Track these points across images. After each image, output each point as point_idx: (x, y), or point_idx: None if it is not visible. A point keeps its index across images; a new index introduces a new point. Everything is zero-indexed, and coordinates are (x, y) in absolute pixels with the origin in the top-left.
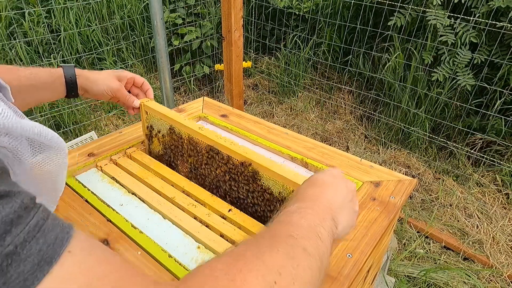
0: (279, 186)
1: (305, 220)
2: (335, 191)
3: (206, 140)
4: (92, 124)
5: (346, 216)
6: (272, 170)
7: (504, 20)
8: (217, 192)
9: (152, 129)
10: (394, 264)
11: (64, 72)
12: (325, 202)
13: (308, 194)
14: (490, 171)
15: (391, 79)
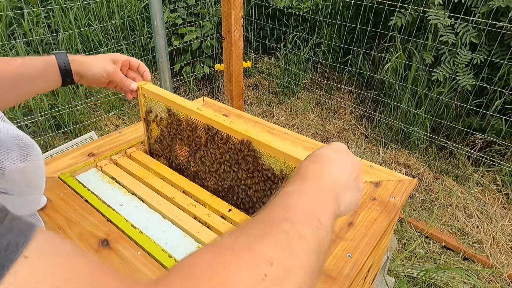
0: (280, 164)
1: (304, 201)
2: (339, 168)
3: (205, 119)
4: (92, 124)
5: (350, 195)
6: (273, 147)
7: (504, 20)
8: (216, 174)
9: (150, 113)
10: (394, 264)
11: (56, 59)
12: (327, 181)
13: (309, 172)
14: (490, 171)
15: (391, 79)
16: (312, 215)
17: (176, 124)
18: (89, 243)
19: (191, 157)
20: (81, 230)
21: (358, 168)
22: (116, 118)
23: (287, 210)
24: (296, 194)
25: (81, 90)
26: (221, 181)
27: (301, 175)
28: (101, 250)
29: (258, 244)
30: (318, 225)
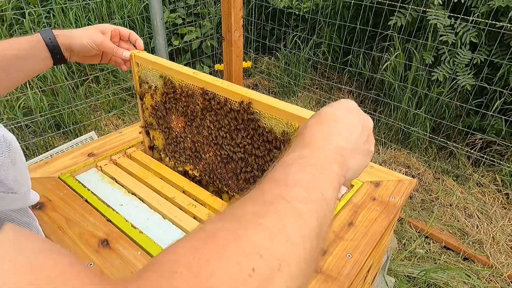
0: (282, 125)
1: (304, 173)
2: (348, 130)
3: (201, 83)
4: (92, 124)
5: (358, 160)
6: (275, 107)
7: (504, 20)
8: (215, 144)
9: (144, 83)
10: (394, 264)
11: (42, 36)
12: (334, 146)
13: (313, 135)
14: (490, 171)
15: (391, 79)
16: (313, 189)
17: (172, 92)
18: (89, 243)
19: (187, 128)
20: (81, 230)
21: (369, 129)
22: (116, 118)
23: (284, 185)
24: (296, 164)
25: (81, 90)
26: (219, 150)
27: (303, 139)
28: (101, 250)
29: (247, 232)
30: (320, 200)
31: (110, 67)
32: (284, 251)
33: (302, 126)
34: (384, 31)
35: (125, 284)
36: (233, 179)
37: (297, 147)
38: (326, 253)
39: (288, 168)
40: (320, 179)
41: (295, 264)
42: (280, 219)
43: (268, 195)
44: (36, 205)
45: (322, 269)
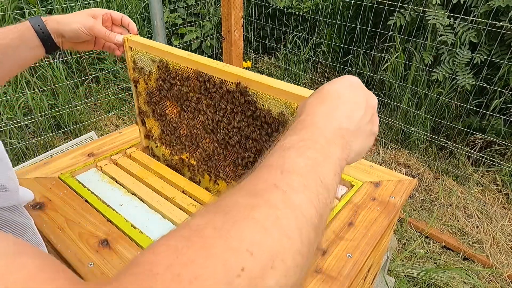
0: (280, 105)
1: (303, 158)
2: (350, 109)
3: (196, 65)
4: (92, 124)
5: (361, 142)
6: (272, 86)
7: (504, 20)
8: (211, 129)
9: (138, 69)
10: (394, 264)
11: (31, 23)
12: (335, 127)
13: (313, 115)
14: (490, 171)
15: (391, 79)
16: (312, 176)
17: (166, 77)
18: (89, 243)
19: (183, 114)
20: (81, 230)
21: (373, 107)
22: (116, 118)
23: (279, 172)
24: (294, 149)
25: (81, 90)
26: (215, 136)
27: (302, 121)
28: (101, 250)
29: (236, 227)
30: (320, 187)
31: (110, 67)
32: (278, 247)
33: (301, 105)
34: (384, 31)
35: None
36: (230, 166)
37: (295, 129)
38: (326, 253)
39: (285, 153)
40: (319, 165)
41: (290, 260)
42: (273, 211)
43: (261, 184)
44: (36, 205)
45: (322, 269)
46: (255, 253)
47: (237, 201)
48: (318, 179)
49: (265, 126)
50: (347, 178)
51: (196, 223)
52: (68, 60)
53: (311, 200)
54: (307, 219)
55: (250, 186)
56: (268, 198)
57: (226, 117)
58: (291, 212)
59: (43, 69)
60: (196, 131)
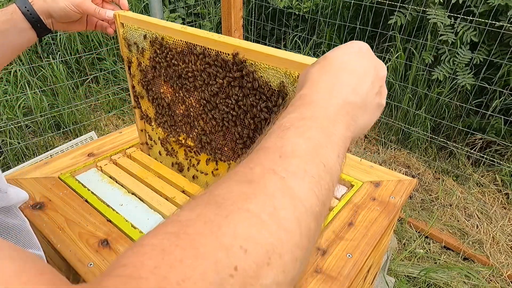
0: (280, 75)
1: (304, 139)
2: (357, 80)
3: (190, 38)
4: (92, 124)
5: (367, 117)
6: (271, 54)
7: (504, 20)
8: (208, 107)
9: (131, 46)
10: (394, 264)
11: (17, 5)
12: (340, 101)
13: (316, 87)
14: (490, 171)
15: (391, 79)
16: (314, 159)
17: (160, 53)
18: (89, 243)
19: (178, 92)
20: (81, 230)
21: (382, 78)
22: (116, 118)
23: (278, 156)
24: (294, 129)
25: (81, 90)
26: (212, 113)
27: (303, 96)
28: (101, 250)
29: (228, 221)
30: (322, 173)
31: (110, 67)
32: (275, 241)
33: (303, 75)
34: (384, 31)
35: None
36: (229, 145)
37: (295, 105)
38: (326, 253)
39: (284, 134)
40: (322, 146)
41: (288, 254)
42: (270, 200)
43: (257, 170)
44: (36, 205)
45: (322, 269)
46: (249, 250)
47: (231, 190)
48: (320, 163)
49: (264, 98)
50: (347, 178)
51: (185, 217)
52: (68, 60)
53: (312, 186)
54: (307, 209)
55: (246, 172)
56: (264, 186)
57: (223, 91)
58: (289, 201)
59: (43, 69)
60: (193, 109)
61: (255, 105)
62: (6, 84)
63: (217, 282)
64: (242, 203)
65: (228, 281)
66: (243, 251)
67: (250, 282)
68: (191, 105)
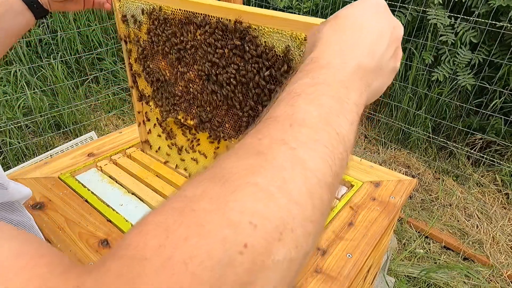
0: (285, 39)
1: (315, 107)
2: (373, 42)
3: (190, 6)
4: (92, 124)
5: (380, 82)
6: (275, 16)
7: (504, 20)
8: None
9: (128, 21)
10: (394, 264)
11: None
12: (354, 65)
13: (328, 49)
14: (490, 171)
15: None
16: (326, 127)
17: (158, 25)
18: (89, 243)
19: (177, 67)
20: (81, 230)
21: (398, 39)
22: (116, 118)
23: (288, 125)
24: (305, 95)
25: (81, 90)
26: (212, 86)
27: (314, 59)
28: (101, 250)
29: (236, 196)
30: (334, 142)
31: (110, 67)
32: (285, 215)
33: (312, 35)
34: None
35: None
36: (230, 122)
37: (305, 70)
38: (326, 253)
39: (294, 101)
40: (335, 114)
41: (300, 228)
42: (280, 172)
43: (265, 141)
44: (36, 205)
45: (322, 269)
46: (259, 226)
47: (238, 163)
48: (333, 131)
49: (267, 65)
50: (347, 178)
51: (190, 193)
52: (68, 60)
53: (325, 156)
54: (319, 180)
55: (253, 143)
56: (273, 157)
57: (224, 62)
58: (300, 173)
59: (43, 69)
60: (192, 85)
61: (257, 73)
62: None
63: (225, 260)
64: (249, 177)
65: (237, 259)
66: (252, 227)
67: (260, 259)
68: (190, 80)
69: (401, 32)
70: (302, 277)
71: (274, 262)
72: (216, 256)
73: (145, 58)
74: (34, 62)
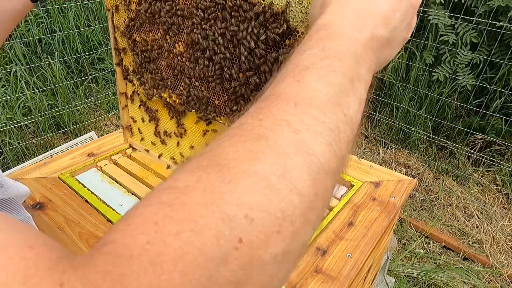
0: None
1: (324, 84)
2: (390, 8)
3: None
4: (92, 124)
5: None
6: None
7: (504, 20)
8: (198, 48)
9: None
10: (394, 264)
11: None
12: (368, 36)
13: (342, 17)
14: (490, 171)
15: (392, 80)
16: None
17: None
18: (89, 243)
19: (164, 35)
20: (81, 230)
21: (416, 7)
22: (116, 118)
23: (293, 104)
24: (315, 70)
25: (80, 90)
26: (203, 55)
27: (325, 26)
28: None
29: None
30: (341, 124)
31: (110, 67)
32: (286, 206)
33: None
34: None
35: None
36: (222, 99)
37: (315, 38)
38: (326, 253)
39: (302, 76)
40: (345, 93)
41: (300, 219)
42: (281, 159)
43: (267, 122)
44: (36, 205)
45: (322, 269)
46: (256, 219)
47: (236, 148)
48: (341, 113)
49: (264, 25)
50: (347, 178)
51: (182, 182)
52: (67, 60)
53: (330, 141)
54: (323, 166)
55: (253, 124)
56: (275, 142)
57: (216, 28)
58: (304, 159)
59: (42, 69)
60: (181, 57)
61: (254, 39)
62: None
63: (219, 257)
64: (248, 165)
65: (233, 255)
66: (248, 221)
67: (258, 253)
68: (178, 53)
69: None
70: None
71: (271, 255)
72: (209, 253)
73: (132, 30)
74: (33, 62)
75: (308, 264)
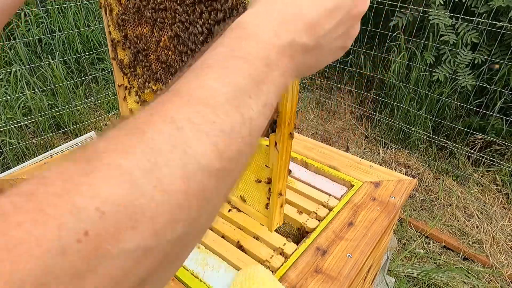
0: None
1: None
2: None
3: None
4: (92, 124)
5: (319, 59)
6: None
7: (504, 20)
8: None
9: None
10: (394, 264)
11: None
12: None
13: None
14: (490, 171)
15: (393, 80)
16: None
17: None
18: None
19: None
20: None
21: (357, 16)
22: (116, 118)
23: (186, 100)
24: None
25: (80, 90)
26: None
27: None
28: None
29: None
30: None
31: (110, 67)
32: (146, 202)
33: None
34: (384, 31)
35: None
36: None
37: (230, 36)
38: (326, 253)
39: (203, 74)
40: (246, 94)
41: (164, 216)
42: (152, 155)
43: (155, 117)
44: None
45: (322, 269)
46: (107, 212)
47: (112, 141)
48: (238, 114)
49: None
50: (347, 178)
51: (49, 173)
52: (67, 60)
53: (217, 141)
54: (202, 166)
55: (140, 119)
56: (151, 137)
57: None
58: (179, 156)
59: (42, 69)
60: (167, 50)
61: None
62: (6, 84)
63: (57, 249)
64: (114, 158)
65: (73, 247)
66: (98, 214)
67: (105, 247)
68: (165, 46)
69: (364, 8)
70: (302, 277)
71: (123, 250)
72: (46, 244)
73: (124, 23)
74: (33, 62)
75: (308, 264)
